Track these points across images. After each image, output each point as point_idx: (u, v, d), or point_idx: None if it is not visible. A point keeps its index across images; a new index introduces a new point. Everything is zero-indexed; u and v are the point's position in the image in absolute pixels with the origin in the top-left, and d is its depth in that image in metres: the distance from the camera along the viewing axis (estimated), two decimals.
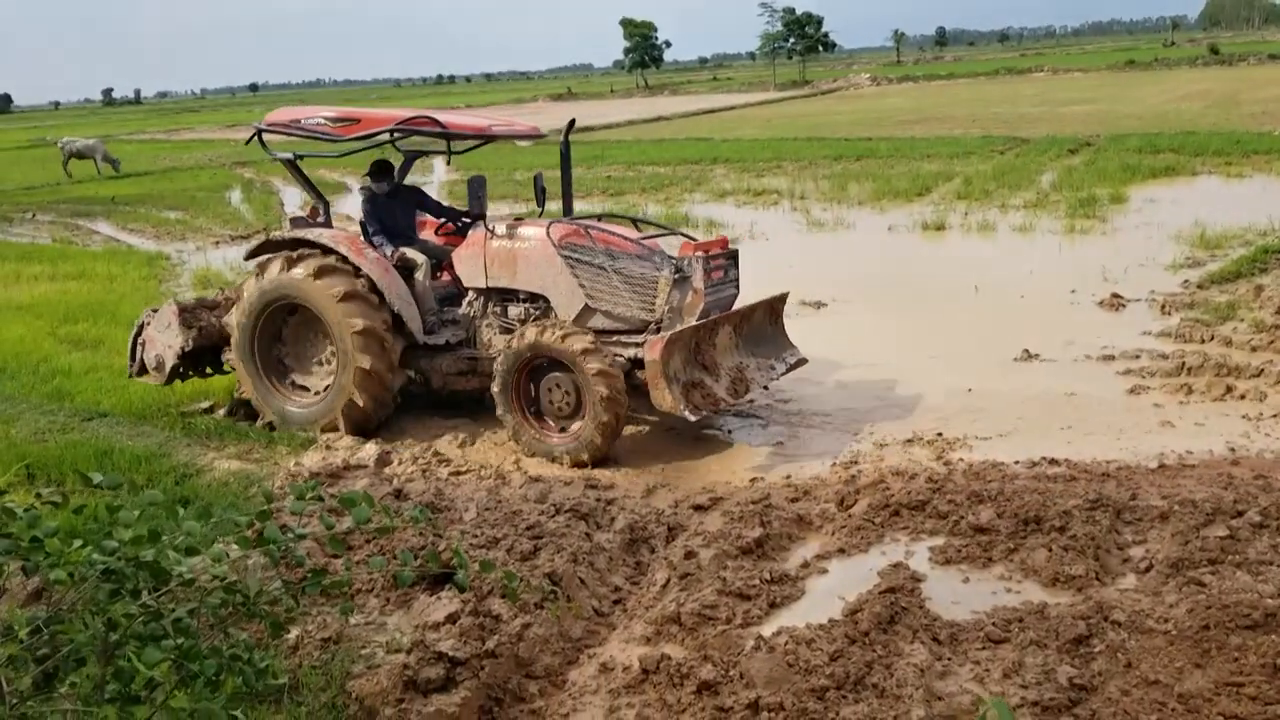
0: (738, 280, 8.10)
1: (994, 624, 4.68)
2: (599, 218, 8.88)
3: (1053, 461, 6.91)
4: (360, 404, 8.11)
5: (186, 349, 8.82)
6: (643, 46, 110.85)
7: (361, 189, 9.19)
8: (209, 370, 9.32)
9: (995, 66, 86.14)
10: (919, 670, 4.28)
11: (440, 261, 8.83)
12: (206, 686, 2.89)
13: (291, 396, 8.61)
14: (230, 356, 8.76)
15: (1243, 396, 7.99)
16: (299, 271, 8.17)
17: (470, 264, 8.31)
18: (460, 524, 5.98)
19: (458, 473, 7.55)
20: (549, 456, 7.58)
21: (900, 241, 15.94)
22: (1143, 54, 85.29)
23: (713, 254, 7.74)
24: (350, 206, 24.91)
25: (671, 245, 8.33)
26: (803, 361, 8.62)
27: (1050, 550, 5.34)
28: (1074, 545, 5.35)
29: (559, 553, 5.49)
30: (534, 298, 8.17)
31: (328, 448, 8.16)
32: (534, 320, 8.02)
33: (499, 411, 7.79)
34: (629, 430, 8.29)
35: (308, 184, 9.04)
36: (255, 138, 8.84)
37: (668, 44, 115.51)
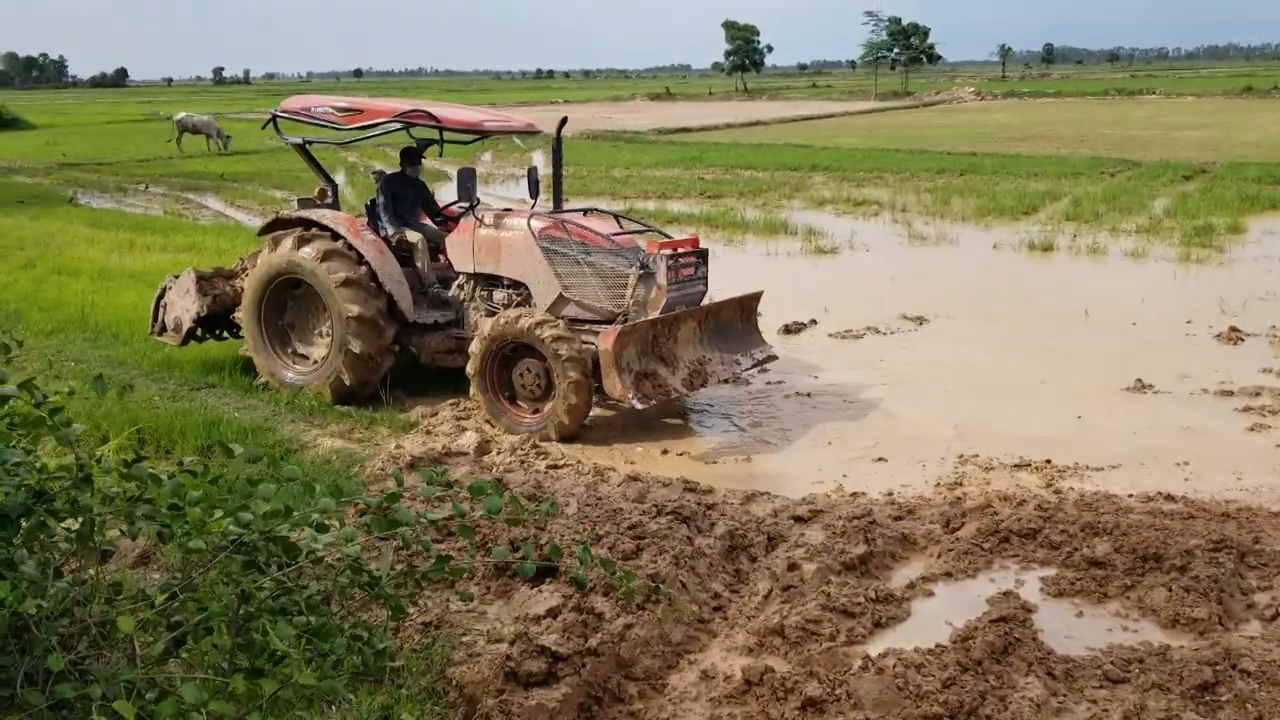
0: (706, 278, 8.65)
1: (1112, 663, 4.51)
2: (584, 212, 9.28)
3: (1169, 497, 6.66)
4: (347, 383, 8.72)
5: (202, 314, 9.53)
6: (744, 50, 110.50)
7: (374, 173, 9.95)
8: (223, 334, 9.98)
9: (1104, 87, 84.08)
10: (1035, 705, 4.13)
11: (439, 245, 9.33)
12: (331, 665, 2.90)
13: (288, 362, 9.24)
14: (240, 316, 9.38)
15: None
16: (308, 251, 8.73)
17: (460, 249, 8.91)
18: (562, 518, 5.97)
19: (555, 466, 7.56)
20: (520, 433, 8.07)
21: (1006, 260, 15.60)
22: (1261, 80, 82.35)
23: (681, 252, 8.31)
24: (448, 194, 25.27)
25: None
26: (772, 358, 9.18)
27: (1170, 590, 5.13)
28: (1195, 586, 5.14)
29: (661, 554, 5.44)
30: (516, 284, 8.71)
31: (428, 433, 8.25)
32: (514, 305, 8.59)
33: (473, 391, 8.34)
34: (726, 433, 8.23)
35: (317, 167, 9.75)
36: (271, 122, 9.62)
37: (769, 48, 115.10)
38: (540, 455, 7.77)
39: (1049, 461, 7.43)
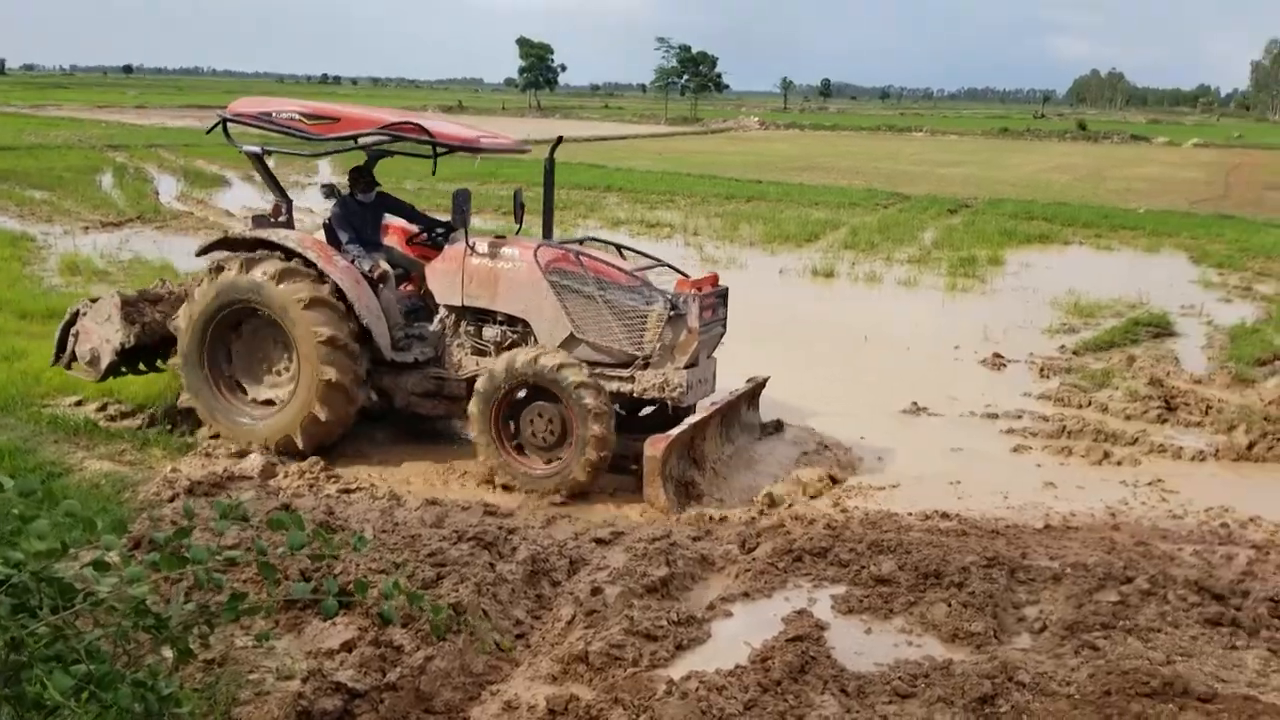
0: (726, 319, 7.98)
1: (900, 678, 4.70)
2: (580, 242, 8.56)
3: (944, 515, 7.05)
4: (322, 419, 7.64)
5: (127, 345, 8.22)
6: (538, 67, 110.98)
7: (323, 188, 8.69)
8: (143, 368, 8.73)
9: (877, 123, 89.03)
10: None
11: (407, 272, 8.46)
12: (114, 716, 2.66)
13: (243, 407, 8.06)
14: (175, 361, 8.16)
15: (1119, 463, 8.33)
16: (258, 274, 7.66)
17: (446, 279, 7.94)
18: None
19: (347, 490, 7.30)
20: (524, 487, 7.30)
21: (791, 285, 16.21)
22: (1015, 123, 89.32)
23: (705, 292, 7.54)
24: (227, 199, 24.13)
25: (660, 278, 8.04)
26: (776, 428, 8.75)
27: (950, 605, 5.42)
28: (972, 602, 5.45)
29: (463, 582, 5.31)
30: (512, 320, 7.85)
31: (207, 455, 7.80)
32: (508, 344, 7.79)
33: (473, 434, 7.47)
34: None
35: (273, 181, 8.56)
36: (219, 127, 8.33)
37: (563, 67, 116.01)
38: (331, 479, 7.48)
39: (834, 480, 7.75)
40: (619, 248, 8.69)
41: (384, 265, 8.11)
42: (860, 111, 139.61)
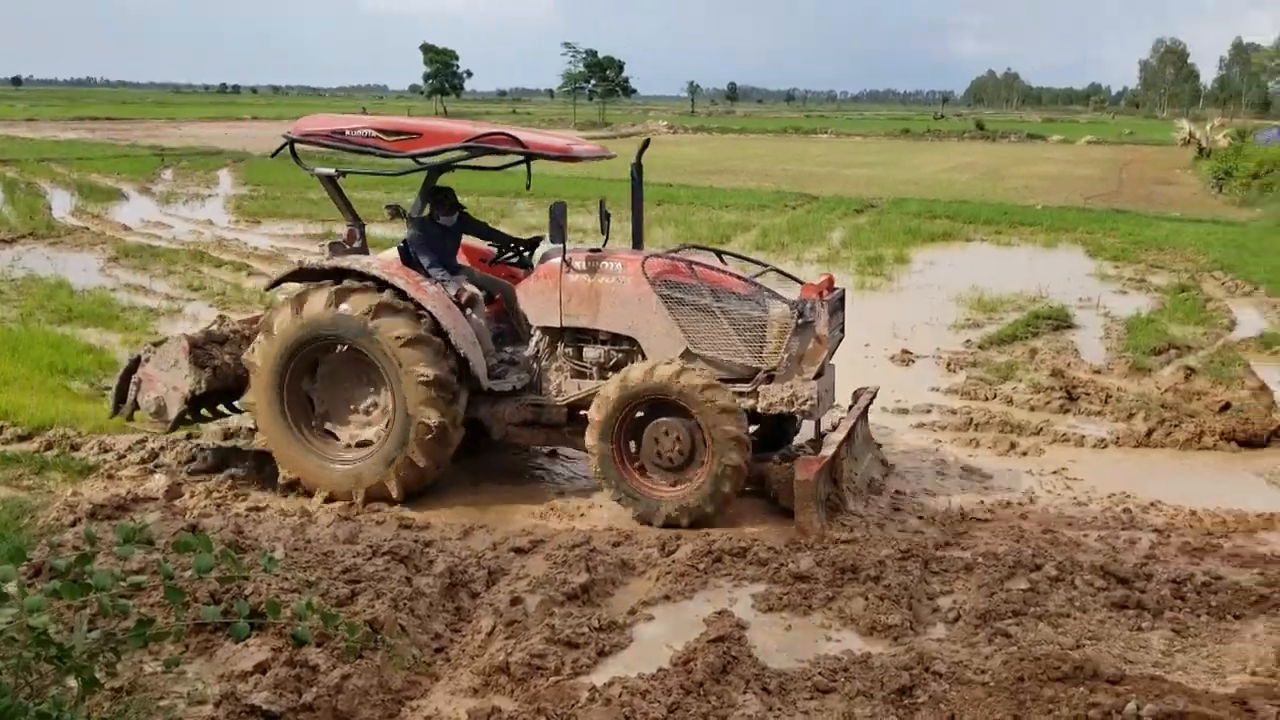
0: (844, 323, 7.64)
1: (820, 673, 4.76)
2: (677, 250, 8.04)
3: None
4: (421, 464, 7.09)
5: (198, 392, 7.54)
6: (444, 73, 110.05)
7: (388, 209, 8.10)
8: (206, 413, 8.04)
9: (784, 125, 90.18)
10: None
11: (491, 295, 7.95)
12: None
13: (328, 450, 7.43)
14: (248, 401, 7.55)
15: (1025, 453, 8.54)
16: (348, 308, 7.09)
17: (541, 299, 7.42)
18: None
19: (257, 508, 7.13)
20: (639, 513, 6.87)
21: None
22: (917, 124, 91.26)
23: (832, 297, 7.21)
24: (124, 213, 23.44)
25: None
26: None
27: (867, 599, 5.50)
28: (889, 595, 5.54)
29: (379, 598, 5.23)
30: (617, 339, 7.37)
31: (110, 477, 7.58)
32: (613, 365, 7.34)
33: (593, 461, 6.97)
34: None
35: (346, 205, 7.94)
36: (286, 149, 7.75)
37: (469, 73, 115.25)
38: (239, 497, 7.32)
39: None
40: (719, 253, 8.37)
41: (471, 289, 7.60)
42: (767, 114, 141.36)
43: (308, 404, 7.53)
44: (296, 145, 7.70)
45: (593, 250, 7.44)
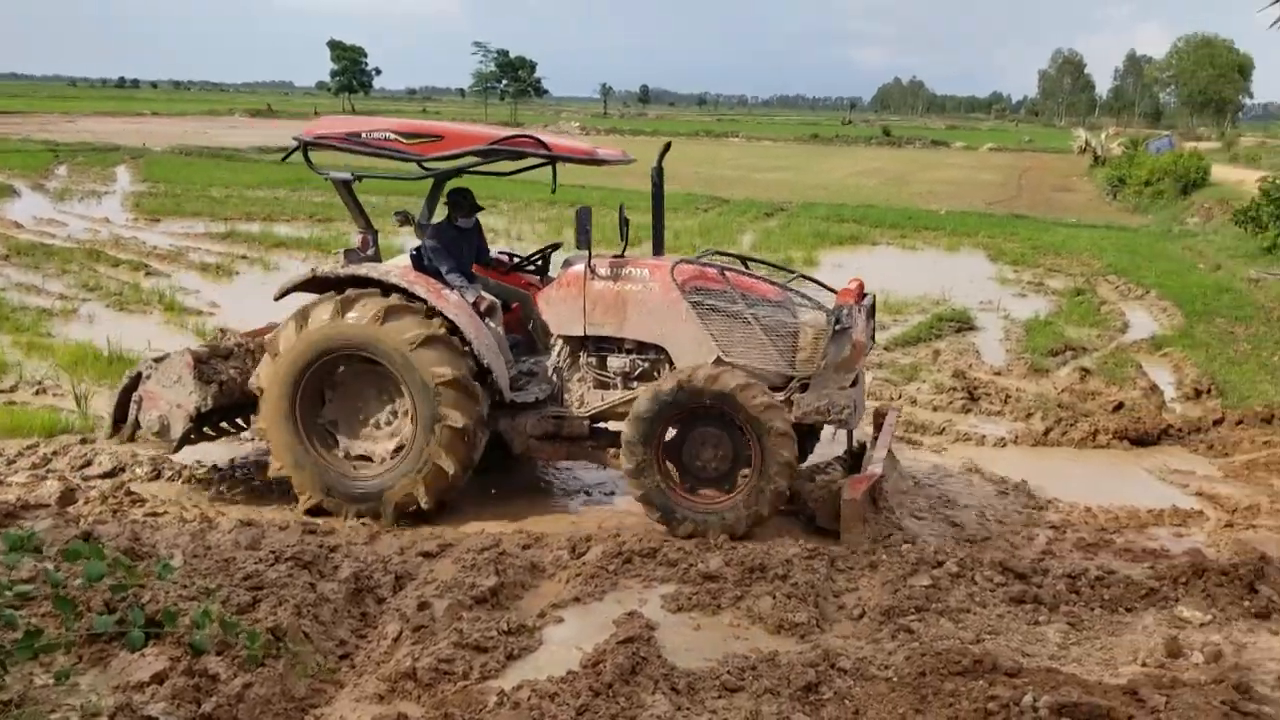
0: (874, 331, 7.43)
1: (728, 672, 4.79)
2: (702, 254, 7.73)
3: None
4: (449, 470, 6.82)
5: (203, 409, 7.23)
6: (352, 70, 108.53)
7: (397, 215, 7.57)
8: (209, 431, 7.72)
9: (695, 128, 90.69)
10: None
11: (507, 304, 7.70)
12: None
13: (347, 467, 7.13)
14: (259, 424, 7.21)
15: (932, 451, 8.72)
16: (356, 315, 6.82)
17: (563, 307, 7.18)
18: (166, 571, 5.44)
19: (154, 514, 6.95)
20: (690, 529, 6.59)
21: None
22: (825, 129, 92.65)
23: (867, 304, 7.10)
24: (16, 210, 22.58)
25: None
26: None
27: (775, 598, 5.56)
28: (795, 593, 5.60)
29: (281, 605, 5.11)
30: (643, 348, 7.17)
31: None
32: (639, 375, 7.15)
33: (628, 471, 6.69)
34: None
35: (359, 211, 7.62)
36: (299, 152, 7.39)
37: (377, 71, 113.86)
38: (135, 502, 7.11)
39: None
40: (743, 259, 8.16)
41: (489, 297, 7.36)
42: (678, 117, 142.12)
43: (326, 423, 7.24)
44: (310, 149, 7.35)
45: (616, 257, 7.22)
